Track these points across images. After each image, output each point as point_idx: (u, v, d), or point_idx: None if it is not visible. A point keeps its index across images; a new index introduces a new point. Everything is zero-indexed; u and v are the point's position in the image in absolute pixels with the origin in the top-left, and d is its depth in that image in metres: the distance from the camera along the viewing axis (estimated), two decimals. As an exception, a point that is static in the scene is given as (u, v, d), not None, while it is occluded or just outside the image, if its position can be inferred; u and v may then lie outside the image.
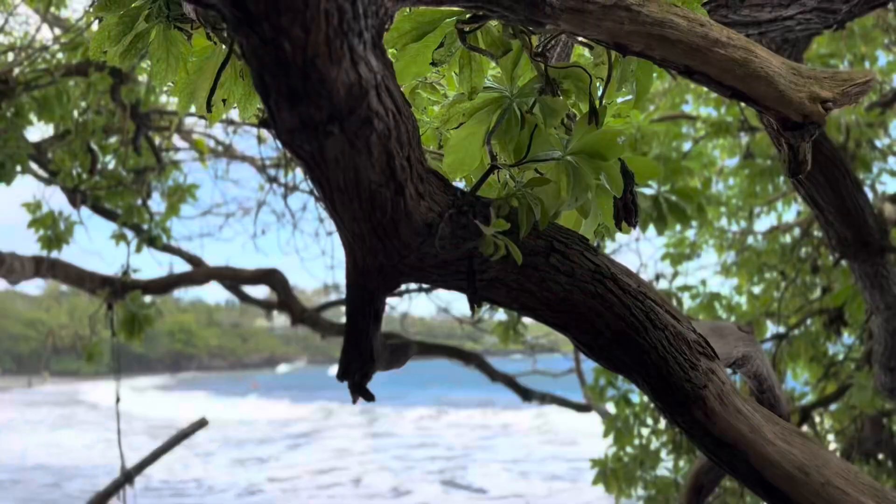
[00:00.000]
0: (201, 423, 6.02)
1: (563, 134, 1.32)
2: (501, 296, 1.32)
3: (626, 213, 1.27)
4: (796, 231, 6.18)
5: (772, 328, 5.48)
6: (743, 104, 4.66)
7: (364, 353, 1.31)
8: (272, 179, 6.74)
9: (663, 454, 5.42)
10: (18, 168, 3.83)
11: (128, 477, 5.38)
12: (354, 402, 1.33)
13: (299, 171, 6.79)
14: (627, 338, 1.29)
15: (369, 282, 1.26)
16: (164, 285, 5.82)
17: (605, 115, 1.26)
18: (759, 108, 1.28)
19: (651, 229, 3.28)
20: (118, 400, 5.37)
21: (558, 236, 1.30)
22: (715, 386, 1.29)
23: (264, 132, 6.50)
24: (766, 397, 2.06)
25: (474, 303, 1.29)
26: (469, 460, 21.41)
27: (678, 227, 6.00)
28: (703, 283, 5.45)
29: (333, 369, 1.35)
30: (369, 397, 1.32)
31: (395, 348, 1.45)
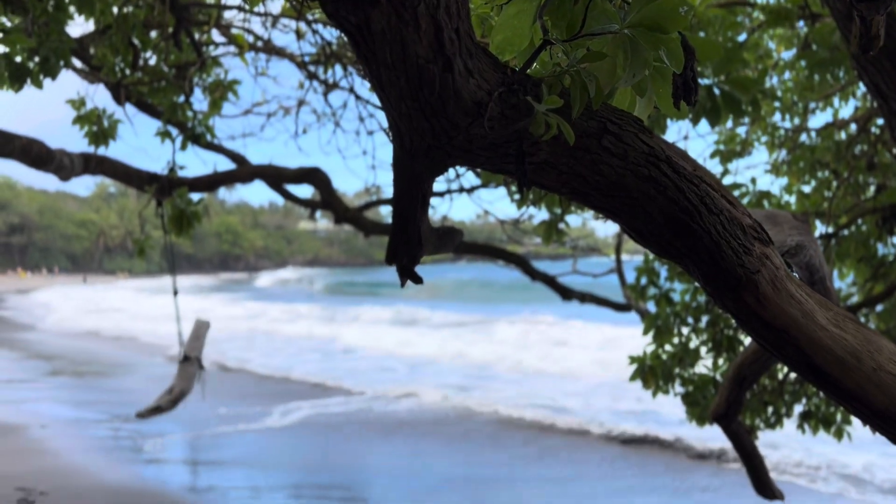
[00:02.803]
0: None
1: (619, 7, 1.25)
2: (551, 180, 1.29)
3: (686, 91, 1.21)
4: (852, 128, 5.93)
5: (820, 228, 5.35)
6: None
7: (412, 236, 1.30)
8: (312, 76, 6.64)
9: (702, 352, 5.44)
10: (62, 63, 3.84)
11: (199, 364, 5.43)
12: (403, 284, 1.34)
13: (339, 68, 6.67)
14: (680, 222, 1.26)
15: (416, 164, 1.24)
16: (209, 183, 5.88)
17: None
18: (834, -24, 1.19)
19: (701, 125, 3.17)
20: (176, 293, 5.53)
21: (612, 117, 1.25)
22: (768, 271, 1.27)
23: (303, 27, 6.37)
24: (817, 289, 2.02)
25: (523, 186, 1.27)
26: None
27: (729, 123, 5.80)
28: (753, 181, 5.30)
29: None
30: (417, 280, 1.33)
31: (443, 233, 1.44)
